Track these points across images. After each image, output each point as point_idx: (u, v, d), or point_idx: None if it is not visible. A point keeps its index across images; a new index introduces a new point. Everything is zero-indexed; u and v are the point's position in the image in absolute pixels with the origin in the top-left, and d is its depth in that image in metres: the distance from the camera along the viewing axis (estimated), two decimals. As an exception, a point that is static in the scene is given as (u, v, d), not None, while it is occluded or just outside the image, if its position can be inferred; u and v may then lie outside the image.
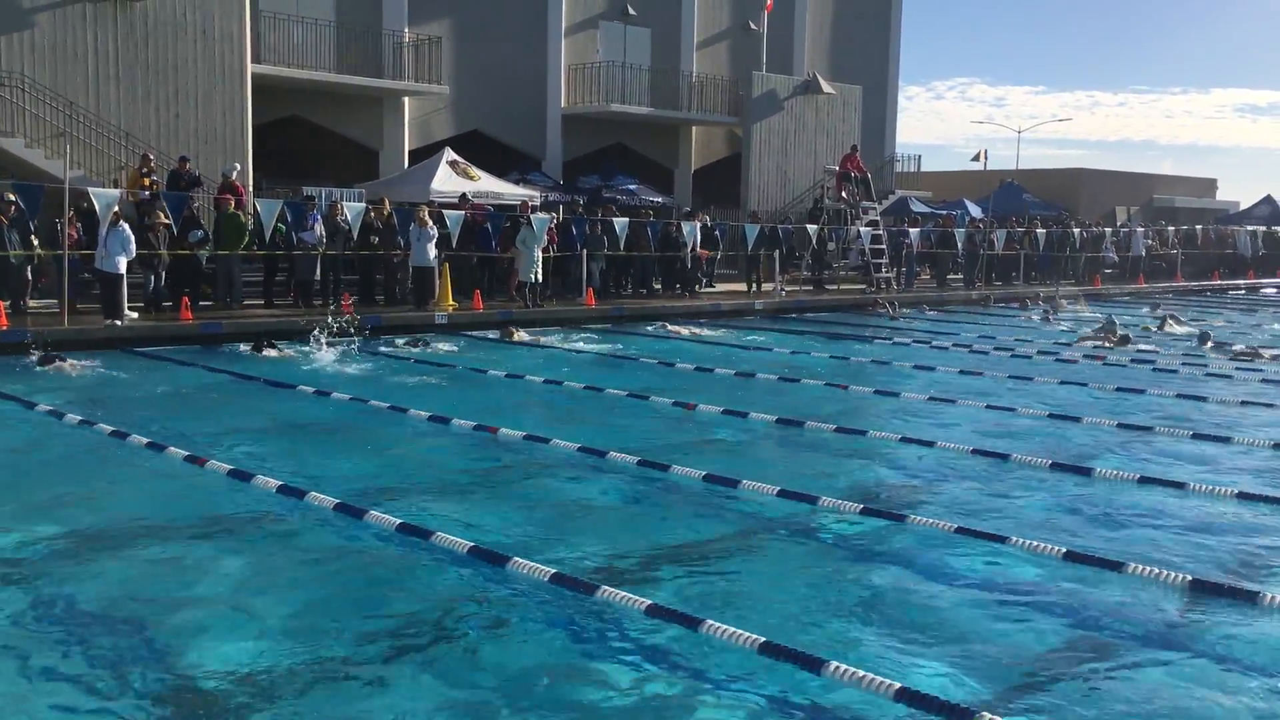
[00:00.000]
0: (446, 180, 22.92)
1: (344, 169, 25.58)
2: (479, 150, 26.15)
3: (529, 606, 5.64)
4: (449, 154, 23.84)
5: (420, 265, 18.73)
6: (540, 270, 19.79)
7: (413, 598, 5.75)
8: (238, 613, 5.52)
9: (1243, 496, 7.99)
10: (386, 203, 19.66)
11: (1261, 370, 15.26)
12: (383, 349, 15.48)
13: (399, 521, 6.78)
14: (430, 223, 18.65)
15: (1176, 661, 5.15)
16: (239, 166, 19.78)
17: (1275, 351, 17.30)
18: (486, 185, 23.64)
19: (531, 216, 19.95)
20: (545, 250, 20.06)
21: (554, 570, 5.88)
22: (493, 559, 6.15)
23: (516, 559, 6.04)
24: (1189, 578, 6.08)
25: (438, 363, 14.47)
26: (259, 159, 22.06)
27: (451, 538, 6.43)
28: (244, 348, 14.86)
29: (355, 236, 18.54)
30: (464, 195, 21.51)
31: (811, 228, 25.42)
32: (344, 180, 24.39)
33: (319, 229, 18.11)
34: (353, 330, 15.28)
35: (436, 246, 18.80)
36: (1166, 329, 20.85)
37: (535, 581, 5.84)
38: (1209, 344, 18.30)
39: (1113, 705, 4.68)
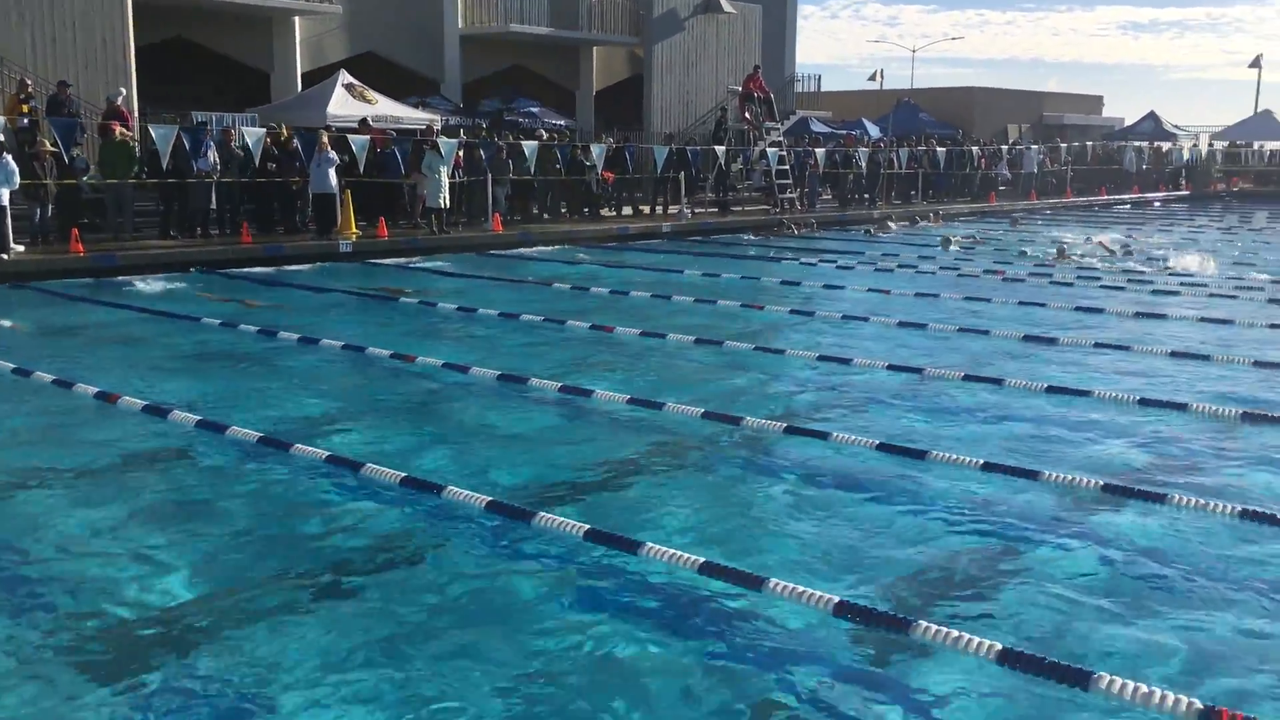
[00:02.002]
0: (343, 104, 22.26)
1: (233, 93, 24.65)
2: (375, 73, 25.39)
3: (463, 535, 5.63)
4: (344, 77, 23.13)
5: (321, 192, 18.25)
6: (447, 196, 19.45)
7: (345, 531, 5.70)
8: (157, 551, 5.41)
9: (1144, 402, 8.32)
10: (285, 128, 19.02)
11: (1152, 281, 15.84)
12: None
13: (327, 454, 6.69)
14: (330, 148, 18.15)
15: (1092, 560, 5.38)
16: (124, 91, 18.91)
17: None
18: (385, 109, 23.03)
19: (439, 140, 19.53)
20: (451, 176, 19.70)
21: (489, 498, 5.87)
22: (426, 488, 6.11)
23: (451, 488, 6.01)
24: (1101, 481, 6.33)
25: (347, 290, 14.19)
26: (143, 84, 21.09)
27: (383, 469, 6.37)
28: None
29: (257, 163, 17.94)
30: (364, 119, 20.94)
31: (717, 149, 25.39)
32: (234, 105, 23.52)
33: (212, 156, 17.47)
34: None
35: (337, 173, 18.32)
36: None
37: (470, 509, 5.83)
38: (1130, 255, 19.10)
39: (1032, 605, 4.88)
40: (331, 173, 18.11)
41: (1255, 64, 51.76)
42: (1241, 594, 5.02)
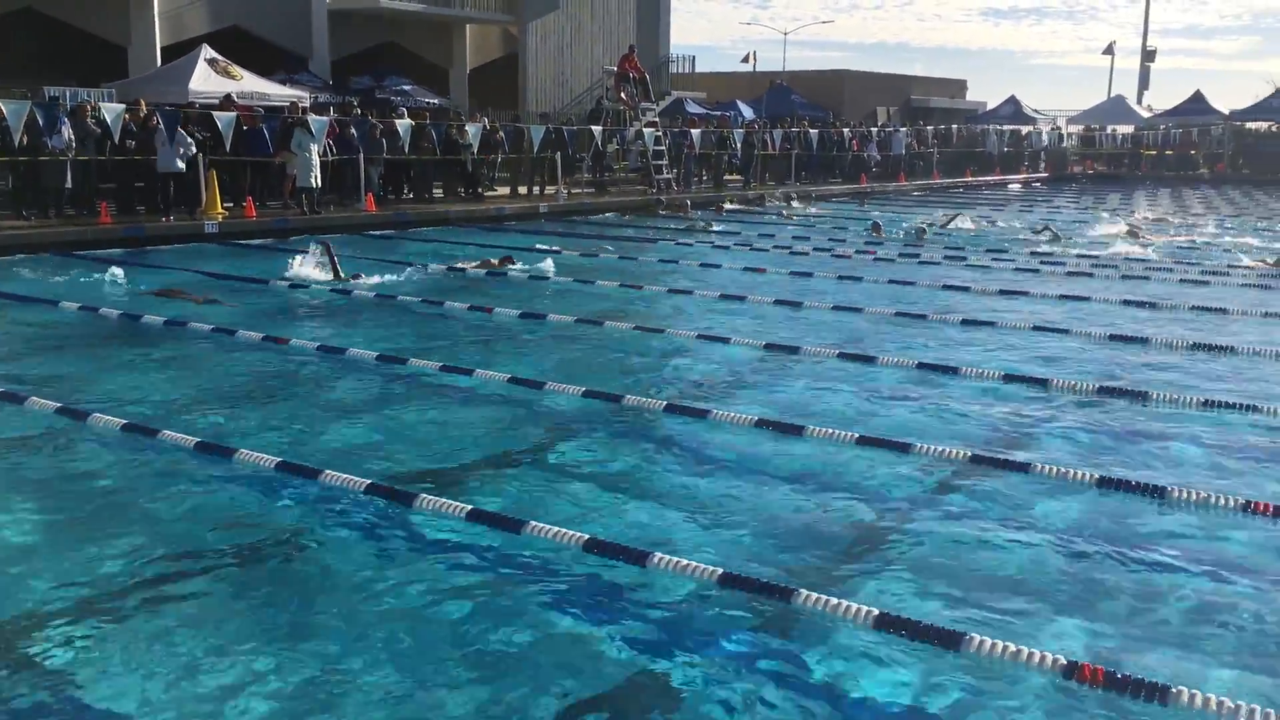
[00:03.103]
0: (206, 80, 21.55)
1: (88, 68, 23.59)
2: (239, 48, 24.62)
3: (343, 520, 5.53)
4: (207, 51, 22.38)
5: (166, 171, 17.43)
6: (319, 175, 18.98)
7: (218, 518, 5.53)
8: (20, 549, 5.18)
9: (1008, 378, 8.63)
10: (143, 104, 18.27)
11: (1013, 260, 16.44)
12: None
13: (196, 440, 6.48)
14: (181, 130, 17.29)
15: (961, 528, 5.57)
16: (-32, 64, 17.92)
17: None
18: (251, 85, 22.38)
19: (308, 118, 19.03)
20: (323, 154, 19.23)
21: (369, 481, 5.78)
22: (303, 473, 5.98)
23: (329, 472, 5.89)
24: (969, 453, 6.56)
25: (205, 271, 13.75)
26: (-10, 56, 20.07)
27: (257, 454, 6.21)
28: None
29: (116, 140, 17.19)
30: (228, 96, 20.28)
31: (594, 129, 25.35)
32: (89, 80, 22.51)
33: (67, 133, 16.67)
34: None
35: (200, 150, 17.67)
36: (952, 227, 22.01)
37: (349, 493, 5.73)
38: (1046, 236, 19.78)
39: (906, 572, 5.04)
40: (181, 151, 17.27)
41: (1108, 50, 54.22)
42: (1101, 555, 5.26)
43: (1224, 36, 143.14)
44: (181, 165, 17.38)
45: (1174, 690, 3.70)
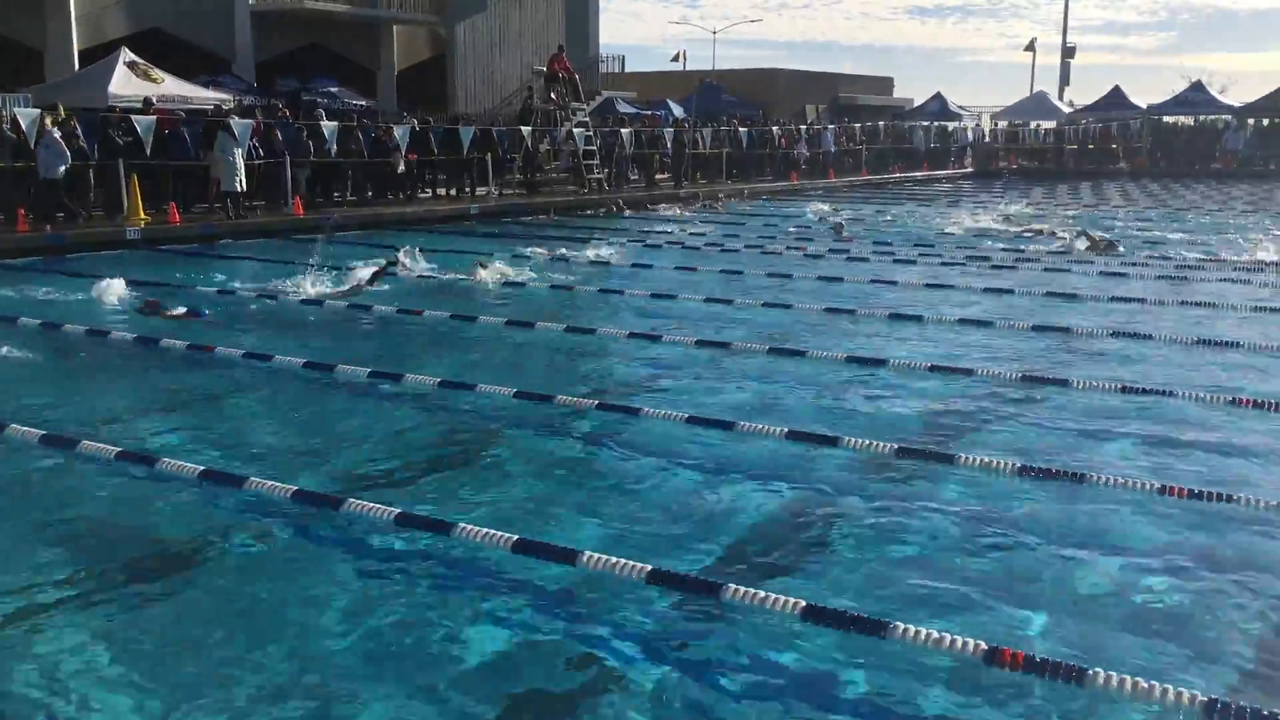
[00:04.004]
0: (126, 83, 21.10)
1: (3, 72, 22.99)
2: (160, 50, 24.17)
3: (268, 527, 5.47)
4: (126, 54, 21.91)
5: (48, 178, 16.71)
6: (244, 178, 18.69)
7: (141, 528, 5.45)
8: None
9: (934, 369, 8.77)
10: (61, 108, 17.85)
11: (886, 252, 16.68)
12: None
13: (118, 449, 6.36)
14: (54, 129, 16.71)
15: (886, 519, 5.66)
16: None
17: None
18: (172, 88, 21.97)
19: (231, 121, 18.74)
20: (248, 157, 18.95)
21: (295, 487, 5.72)
22: (228, 481, 5.89)
23: (254, 479, 5.82)
24: (896, 446, 6.66)
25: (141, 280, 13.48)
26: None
27: (180, 463, 6.11)
28: None
29: (33, 146, 16.75)
30: (147, 99, 19.90)
31: (523, 130, 25.27)
32: (4, 84, 21.94)
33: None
34: None
35: (123, 155, 17.31)
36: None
37: (275, 500, 5.66)
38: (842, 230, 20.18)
39: (834, 564, 5.11)
40: (64, 157, 16.70)
41: (1030, 48, 55.19)
42: (1023, 542, 5.37)
43: (1141, 32, 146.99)
44: (60, 172, 16.76)
45: (1090, 672, 3.80)
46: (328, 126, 20.76)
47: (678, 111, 36.77)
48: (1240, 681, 4.09)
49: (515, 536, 5.06)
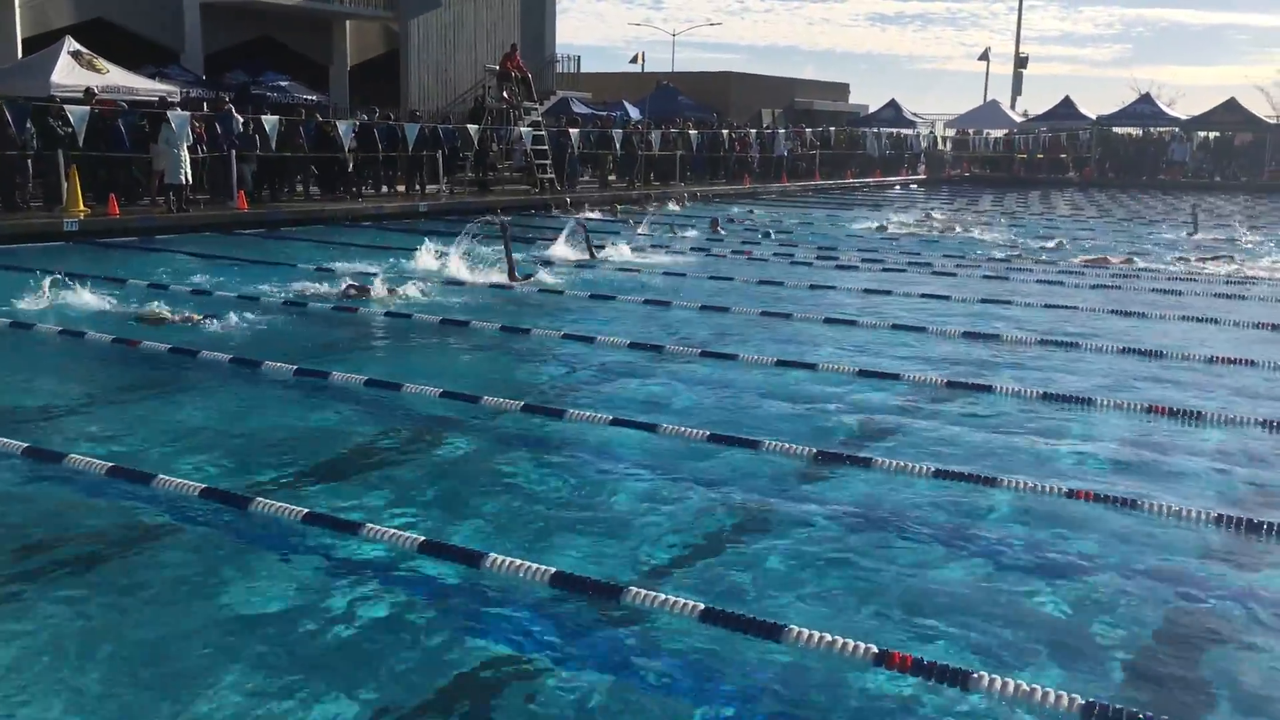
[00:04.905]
0: (69, 73, 20.79)
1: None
2: (106, 41, 23.83)
3: (177, 526, 5.40)
4: (70, 44, 21.59)
5: None
6: (188, 172, 18.47)
7: (46, 526, 5.36)
8: None
9: (862, 373, 8.84)
10: (-3, 97, 17.56)
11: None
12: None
13: (25, 445, 6.26)
14: None
15: (802, 522, 5.69)
16: None
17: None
18: (117, 79, 21.67)
19: (170, 114, 18.51)
20: (193, 150, 18.73)
21: (203, 485, 5.66)
22: (136, 478, 5.82)
23: (162, 476, 5.75)
24: (815, 450, 6.70)
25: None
26: None
27: (88, 459, 6.02)
28: None
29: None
30: (89, 90, 19.61)
31: (473, 128, 25.18)
32: (-59, 72, 21.57)
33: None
34: None
35: (63, 146, 17.06)
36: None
37: (184, 498, 5.59)
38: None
39: (742, 567, 5.13)
40: None
41: (984, 57, 55.73)
42: (934, 547, 5.41)
43: (1097, 44, 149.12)
44: None
45: (975, 675, 3.84)
46: (268, 121, 20.55)
47: (633, 113, 36.81)
48: (1122, 684, 4.16)
49: (421, 538, 5.04)
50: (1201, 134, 43.83)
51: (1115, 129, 45.22)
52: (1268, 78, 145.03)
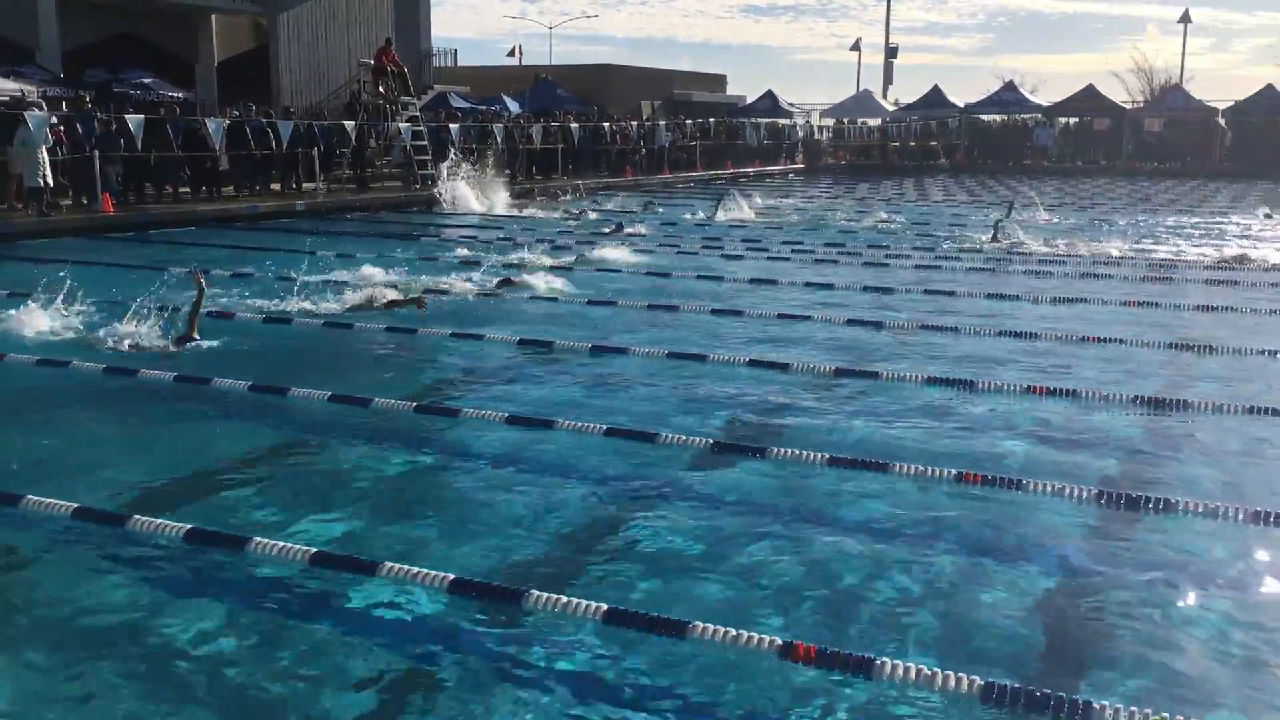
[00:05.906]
0: (-87, 72, 19.69)
1: None
2: (-47, 37, 22.63)
3: (46, 549, 5.14)
4: (-87, 41, 20.44)
5: None
6: (48, 174, 17.66)
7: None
8: None
9: (753, 364, 8.91)
10: None
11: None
12: None
13: (-120, 471, 5.89)
14: None
15: (700, 515, 5.69)
16: None
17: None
18: (-33, 78, 20.60)
19: (26, 114, 17.68)
20: (52, 152, 17.91)
21: (75, 505, 5.39)
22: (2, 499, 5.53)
23: (31, 496, 5.46)
24: (712, 441, 6.72)
25: None
26: None
27: (-49, 483, 5.70)
28: None
29: None
30: (-63, 89, 18.61)
31: (347, 124, 24.66)
32: None
33: None
34: None
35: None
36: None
37: (55, 518, 5.32)
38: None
39: (647, 564, 5.11)
40: None
41: (855, 47, 56.81)
42: (831, 538, 5.46)
43: (962, 34, 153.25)
44: None
45: (878, 663, 3.89)
46: (133, 120, 19.79)
47: (514, 107, 36.52)
48: (1014, 662, 4.26)
49: (314, 550, 4.90)
50: (1063, 120, 45.43)
51: (982, 116, 46.55)
52: (1123, 64, 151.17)
